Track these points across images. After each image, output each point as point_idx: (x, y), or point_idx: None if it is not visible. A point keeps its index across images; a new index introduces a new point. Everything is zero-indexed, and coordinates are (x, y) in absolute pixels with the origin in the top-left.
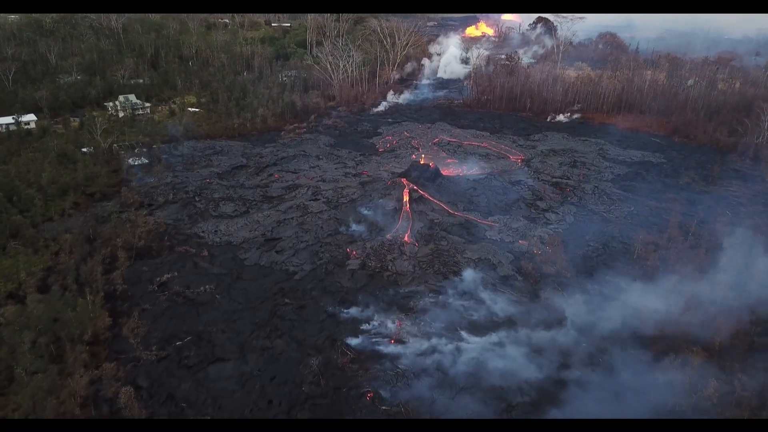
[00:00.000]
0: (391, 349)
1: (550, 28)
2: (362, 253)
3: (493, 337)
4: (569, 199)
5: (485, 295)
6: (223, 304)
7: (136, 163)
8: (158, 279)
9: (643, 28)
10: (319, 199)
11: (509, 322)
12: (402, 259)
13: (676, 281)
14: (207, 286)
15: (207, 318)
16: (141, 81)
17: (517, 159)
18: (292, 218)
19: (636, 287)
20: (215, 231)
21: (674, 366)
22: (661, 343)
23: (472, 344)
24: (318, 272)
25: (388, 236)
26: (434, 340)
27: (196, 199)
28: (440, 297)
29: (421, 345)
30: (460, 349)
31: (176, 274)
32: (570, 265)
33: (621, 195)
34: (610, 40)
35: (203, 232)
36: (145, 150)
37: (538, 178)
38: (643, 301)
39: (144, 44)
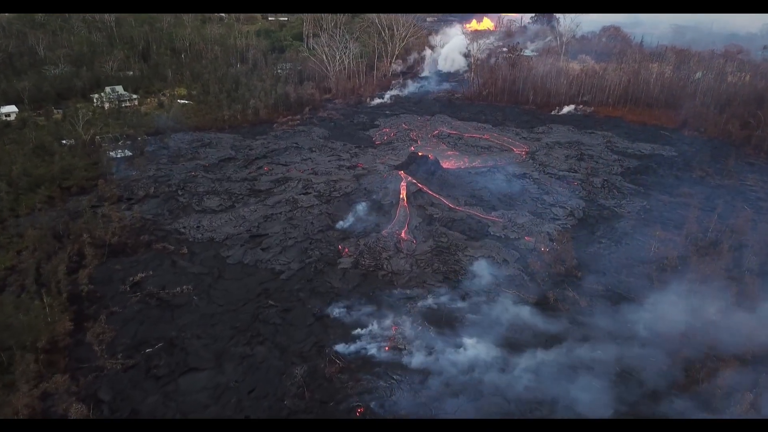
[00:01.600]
0: (385, 356)
1: (552, 21)
2: (355, 250)
3: (490, 346)
4: (577, 193)
5: (484, 294)
6: (201, 306)
7: (118, 156)
8: (131, 279)
9: (651, 24)
10: (310, 193)
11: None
12: (398, 257)
13: (713, 285)
14: (184, 287)
15: (182, 322)
16: (131, 73)
17: (522, 152)
18: (281, 213)
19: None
20: (197, 227)
21: None
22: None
23: (465, 351)
24: (306, 271)
25: (384, 232)
26: (438, 349)
27: (179, 192)
28: (441, 298)
29: (423, 354)
30: (458, 353)
31: (151, 273)
32: (581, 265)
33: (632, 189)
34: (614, 33)
35: (184, 227)
36: (129, 142)
37: (544, 171)
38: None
39: (135, 36)
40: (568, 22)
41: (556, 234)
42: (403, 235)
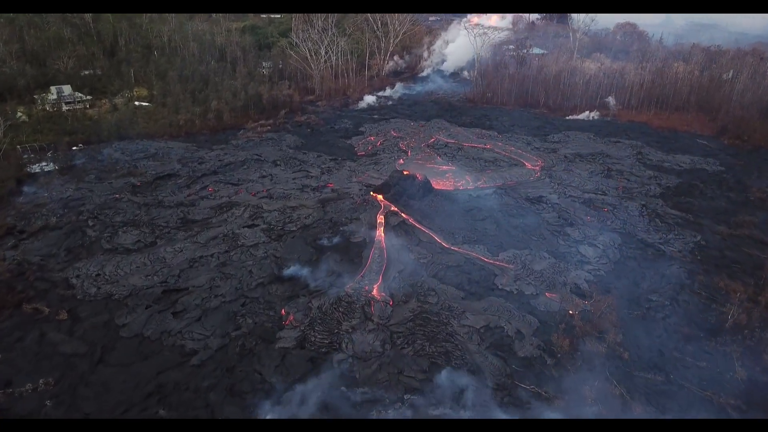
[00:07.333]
0: None
1: (563, 17)
2: (304, 317)
3: None
4: (609, 223)
5: (489, 391)
6: (53, 418)
7: (37, 170)
8: None
9: (667, 22)
10: (257, 225)
11: None
12: (365, 328)
13: None
14: (42, 381)
15: None
16: (89, 72)
17: (535, 166)
18: (212, 255)
19: None
20: (97, 275)
21: None
22: None
23: None
24: (229, 352)
25: (348, 288)
26: None
27: (90, 223)
28: (423, 403)
29: None
30: None
31: None
32: (628, 339)
33: (678, 217)
34: (629, 30)
35: (78, 276)
36: (57, 153)
37: (565, 194)
38: None
39: (103, 31)
40: (582, 17)
41: (587, 287)
42: (374, 292)
